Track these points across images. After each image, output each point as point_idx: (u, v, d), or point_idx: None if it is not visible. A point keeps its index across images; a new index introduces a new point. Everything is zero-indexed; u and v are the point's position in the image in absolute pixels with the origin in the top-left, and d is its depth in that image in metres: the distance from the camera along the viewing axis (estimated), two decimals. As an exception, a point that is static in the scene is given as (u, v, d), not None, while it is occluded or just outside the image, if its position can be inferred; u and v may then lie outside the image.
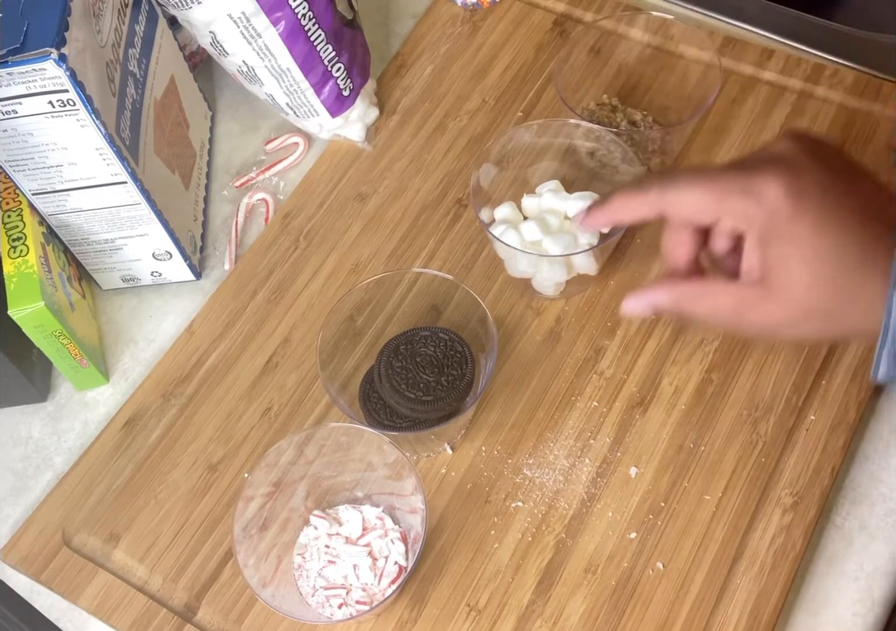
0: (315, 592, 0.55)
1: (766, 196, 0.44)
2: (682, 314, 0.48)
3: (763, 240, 0.45)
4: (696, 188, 0.45)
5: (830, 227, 0.44)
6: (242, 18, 0.64)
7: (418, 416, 0.58)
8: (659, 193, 0.46)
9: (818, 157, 0.45)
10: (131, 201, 0.62)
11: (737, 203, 0.45)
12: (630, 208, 0.48)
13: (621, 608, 0.54)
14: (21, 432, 0.66)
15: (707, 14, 0.77)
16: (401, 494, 0.56)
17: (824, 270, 0.44)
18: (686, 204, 0.46)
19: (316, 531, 0.57)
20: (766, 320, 0.46)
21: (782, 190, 0.44)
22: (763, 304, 0.46)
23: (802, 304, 0.45)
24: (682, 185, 0.46)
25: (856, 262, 0.44)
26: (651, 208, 0.47)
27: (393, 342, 0.60)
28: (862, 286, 0.44)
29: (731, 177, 0.45)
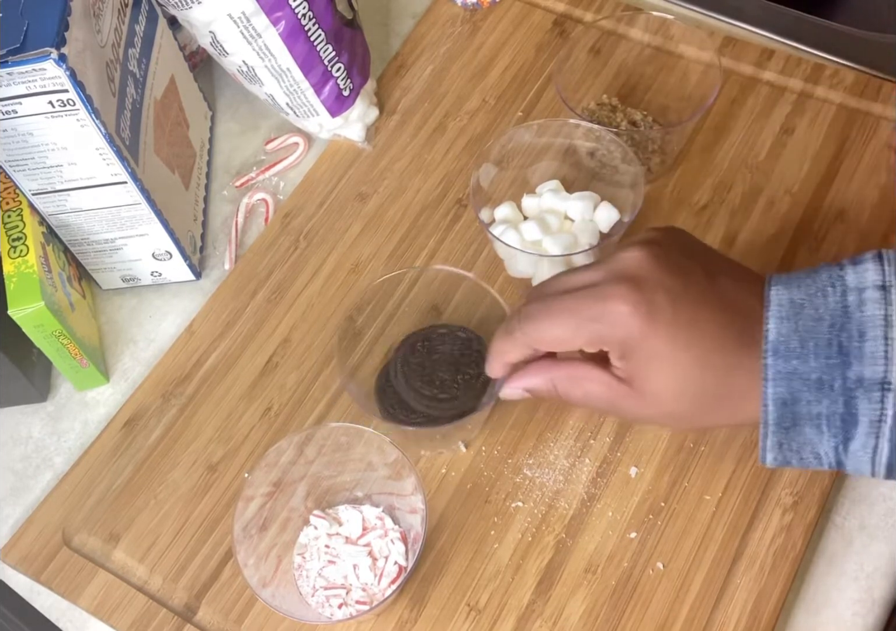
0: (315, 592, 0.55)
1: (617, 321, 0.45)
2: (558, 398, 0.49)
3: (624, 357, 0.46)
4: (553, 322, 0.47)
5: (688, 339, 0.44)
6: (242, 18, 0.64)
7: (433, 413, 0.58)
8: (522, 334, 0.48)
9: (667, 263, 0.46)
10: (131, 201, 0.62)
11: (592, 332, 0.46)
12: (508, 355, 0.50)
13: (621, 608, 0.54)
14: (21, 432, 0.66)
15: (707, 14, 0.77)
16: (401, 494, 0.56)
17: (689, 382, 0.45)
18: (548, 339, 0.47)
19: (316, 531, 0.57)
20: (638, 415, 0.48)
21: (631, 313, 0.44)
22: (633, 401, 0.47)
23: (673, 409, 0.46)
24: (540, 320, 0.47)
25: (721, 367, 0.44)
26: (522, 350, 0.49)
27: (411, 338, 0.60)
28: (731, 387, 0.45)
29: (582, 304, 0.46)
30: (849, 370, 0.42)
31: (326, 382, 0.64)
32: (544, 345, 0.48)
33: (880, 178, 0.67)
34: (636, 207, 0.61)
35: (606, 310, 0.45)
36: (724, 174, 0.69)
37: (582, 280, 0.47)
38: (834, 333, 0.43)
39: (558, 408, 0.61)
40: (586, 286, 0.46)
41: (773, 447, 0.45)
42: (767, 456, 0.45)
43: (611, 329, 0.45)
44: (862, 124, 0.70)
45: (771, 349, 0.43)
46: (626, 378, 0.46)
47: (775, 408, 0.43)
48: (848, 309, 0.43)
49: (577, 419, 0.60)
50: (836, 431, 0.43)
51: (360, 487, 0.58)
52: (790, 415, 0.43)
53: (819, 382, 0.43)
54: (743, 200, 0.67)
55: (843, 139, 0.69)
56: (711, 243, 0.65)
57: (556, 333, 0.47)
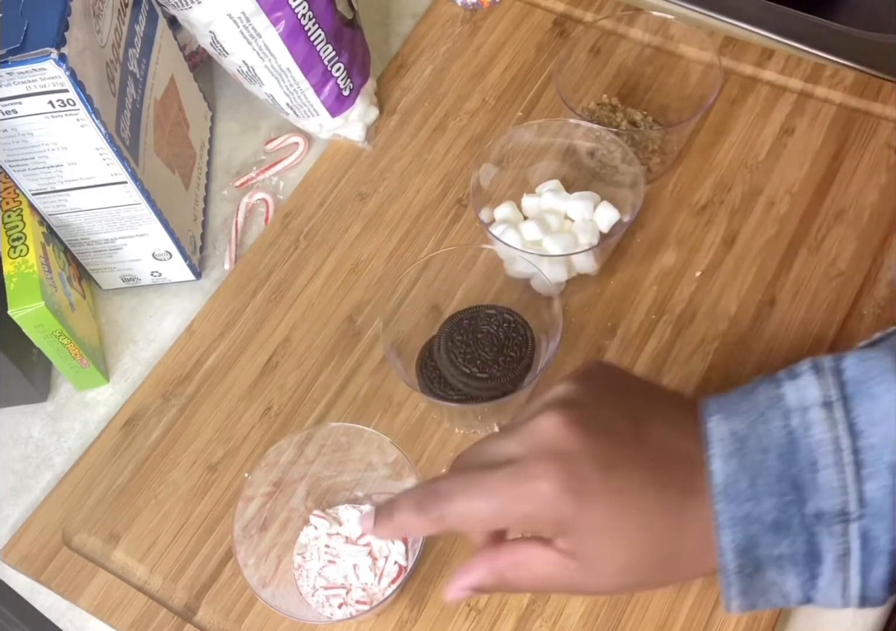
0: (315, 592, 0.55)
1: (545, 501, 0.41)
2: (506, 589, 0.45)
3: (561, 535, 0.42)
4: (474, 504, 0.42)
5: (625, 506, 0.41)
6: (242, 18, 0.64)
7: (471, 391, 0.58)
8: (438, 516, 0.43)
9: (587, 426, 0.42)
10: (131, 201, 0.62)
11: (520, 514, 0.41)
12: (414, 528, 0.44)
13: (621, 608, 0.54)
14: (21, 432, 0.66)
15: (707, 14, 0.77)
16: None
17: (638, 550, 0.41)
18: (468, 520, 0.43)
19: (316, 531, 0.57)
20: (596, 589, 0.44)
21: (559, 491, 0.40)
22: (586, 577, 0.42)
23: (629, 580, 0.42)
24: (460, 500, 0.42)
25: (669, 527, 0.41)
26: (435, 528, 0.44)
27: (457, 316, 0.60)
28: (684, 544, 0.41)
29: (504, 484, 0.41)
30: (805, 506, 0.39)
31: (326, 382, 0.64)
32: (463, 526, 0.44)
33: (880, 178, 0.67)
34: (636, 207, 0.61)
35: (532, 490, 0.41)
36: (724, 174, 0.69)
37: (501, 453, 0.43)
38: (784, 465, 0.39)
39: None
40: (507, 461, 0.42)
41: (736, 595, 0.41)
42: (732, 604, 0.42)
43: (541, 510, 0.41)
44: (862, 124, 0.70)
45: (719, 493, 0.40)
46: (571, 553, 0.42)
47: (734, 556, 0.40)
48: (793, 435, 0.40)
49: (577, 419, 0.60)
50: (801, 569, 0.40)
51: (360, 486, 0.58)
52: (751, 560, 0.40)
53: (776, 523, 0.39)
54: (743, 200, 0.67)
55: (843, 139, 0.69)
56: (711, 244, 0.66)
57: (480, 515, 0.42)
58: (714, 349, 0.62)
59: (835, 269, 0.64)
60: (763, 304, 0.63)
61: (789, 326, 0.62)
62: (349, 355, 0.64)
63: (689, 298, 0.64)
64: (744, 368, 0.61)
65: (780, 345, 0.61)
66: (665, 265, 0.65)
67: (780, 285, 0.64)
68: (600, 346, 0.63)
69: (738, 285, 0.64)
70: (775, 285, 0.64)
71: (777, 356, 0.61)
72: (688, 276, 0.65)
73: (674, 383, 0.61)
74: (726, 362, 0.61)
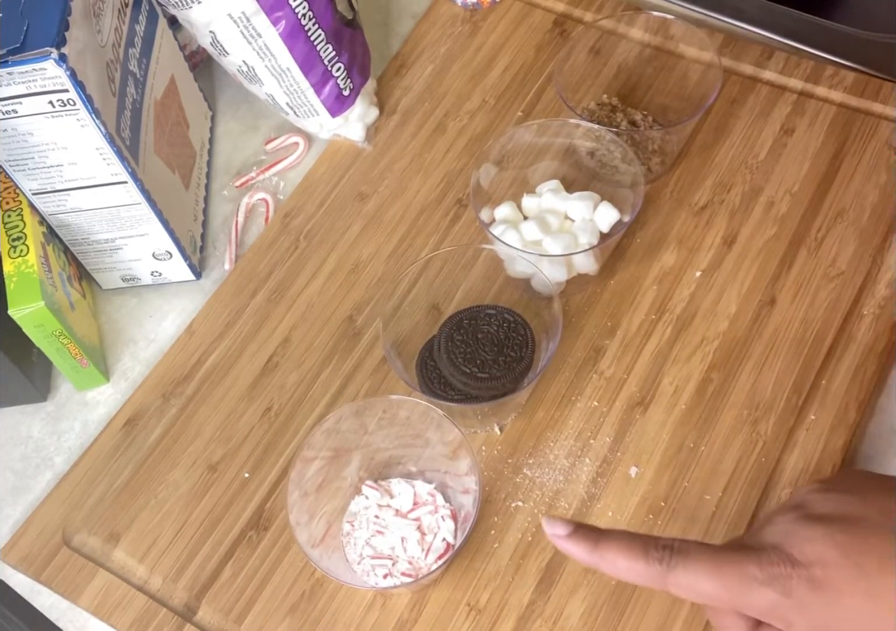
0: (361, 560, 0.56)
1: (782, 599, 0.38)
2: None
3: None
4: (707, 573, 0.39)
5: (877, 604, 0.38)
6: (242, 18, 0.64)
7: (471, 391, 0.58)
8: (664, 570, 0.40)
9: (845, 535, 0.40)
10: (131, 201, 0.62)
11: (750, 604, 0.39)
12: (623, 570, 0.41)
13: (621, 608, 0.54)
14: (21, 432, 0.66)
15: (707, 14, 0.77)
16: (455, 473, 0.56)
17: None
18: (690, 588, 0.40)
19: (367, 501, 0.57)
20: None
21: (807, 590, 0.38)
22: None
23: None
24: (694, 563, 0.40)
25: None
26: (648, 580, 0.41)
27: (457, 316, 0.60)
28: None
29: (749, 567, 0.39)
30: None
31: (326, 382, 0.64)
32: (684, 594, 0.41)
33: (880, 178, 0.67)
34: (636, 207, 0.61)
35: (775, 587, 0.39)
36: (724, 174, 0.69)
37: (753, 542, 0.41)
38: None
39: (558, 407, 0.61)
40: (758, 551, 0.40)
41: None
42: None
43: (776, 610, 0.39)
44: (862, 124, 0.70)
45: None
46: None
47: None
48: None
49: (577, 419, 0.60)
50: None
51: (414, 462, 0.58)
52: None
53: None
54: (743, 200, 0.67)
55: (843, 139, 0.69)
56: (711, 244, 0.66)
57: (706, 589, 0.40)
58: (714, 349, 0.62)
59: (835, 269, 0.64)
60: (763, 304, 0.63)
61: (789, 326, 0.62)
62: (349, 355, 0.65)
63: (689, 298, 0.64)
64: (744, 368, 0.61)
65: (780, 345, 0.61)
66: (665, 265, 0.65)
67: (780, 285, 0.64)
68: (600, 345, 0.63)
69: (738, 285, 0.64)
70: (775, 285, 0.64)
71: (777, 356, 0.61)
72: (688, 276, 0.65)
73: (674, 383, 0.61)
74: (726, 362, 0.61)
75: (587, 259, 0.62)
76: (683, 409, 0.60)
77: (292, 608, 0.56)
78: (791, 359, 0.61)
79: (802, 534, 0.40)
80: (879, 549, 0.39)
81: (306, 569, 0.57)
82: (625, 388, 0.61)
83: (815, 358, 0.61)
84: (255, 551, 0.58)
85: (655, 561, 0.40)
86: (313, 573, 0.57)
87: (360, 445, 0.57)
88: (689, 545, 0.41)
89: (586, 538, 0.41)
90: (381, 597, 0.56)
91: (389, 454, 0.58)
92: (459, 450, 0.55)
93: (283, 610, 0.56)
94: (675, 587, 0.40)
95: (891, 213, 0.66)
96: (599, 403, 0.61)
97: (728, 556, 0.40)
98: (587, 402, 0.61)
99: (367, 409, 0.56)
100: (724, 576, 0.39)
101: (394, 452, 0.58)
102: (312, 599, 0.56)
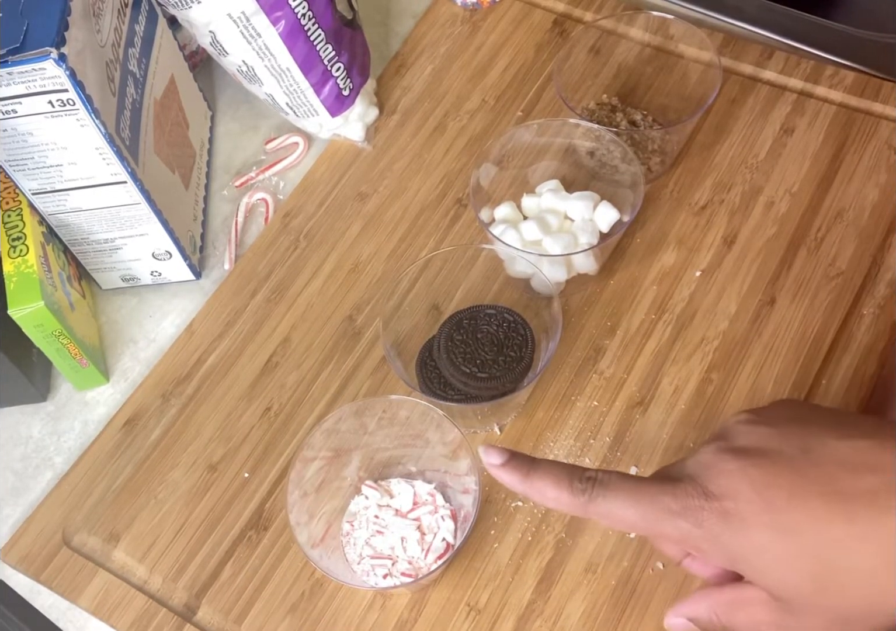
0: (361, 560, 0.56)
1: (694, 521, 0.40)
2: (723, 628, 0.44)
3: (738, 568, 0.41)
4: (627, 501, 0.41)
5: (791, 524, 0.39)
6: (242, 18, 0.64)
7: (470, 391, 0.58)
8: (587, 499, 0.41)
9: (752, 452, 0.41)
10: (131, 201, 0.62)
11: (667, 527, 0.40)
12: (551, 499, 0.42)
13: (621, 608, 0.54)
14: (21, 432, 0.66)
15: (707, 14, 0.77)
16: (455, 473, 0.56)
17: (814, 566, 0.39)
18: (613, 517, 0.42)
19: (367, 501, 0.57)
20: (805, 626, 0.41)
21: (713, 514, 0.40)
22: (804, 618, 0.40)
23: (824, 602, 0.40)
24: (614, 493, 0.41)
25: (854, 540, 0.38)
26: (574, 509, 0.42)
27: (457, 315, 0.60)
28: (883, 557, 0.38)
29: (663, 494, 0.41)
30: None
31: (326, 382, 0.64)
32: (608, 523, 0.43)
33: (880, 178, 0.67)
34: (636, 207, 0.61)
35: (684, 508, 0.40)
36: (724, 174, 0.69)
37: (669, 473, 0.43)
38: None
39: (558, 407, 0.61)
40: (673, 479, 0.41)
41: None
42: None
43: (693, 531, 0.40)
44: (862, 124, 0.70)
45: None
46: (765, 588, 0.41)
47: None
48: None
49: (577, 419, 0.60)
50: None
51: (414, 462, 0.58)
52: None
53: None
54: (743, 200, 0.67)
55: (843, 139, 0.69)
56: (711, 244, 0.66)
57: (626, 516, 0.41)
58: (714, 349, 0.62)
59: (835, 269, 0.64)
60: (763, 304, 0.63)
61: (789, 326, 0.62)
62: (349, 355, 0.65)
63: (689, 298, 0.64)
64: (744, 368, 0.61)
65: (780, 345, 0.61)
66: (665, 265, 0.65)
67: (780, 285, 0.64)
68: (600, 345, 0.63)
69: (738, 285, 0.64)
70: (775, 285, 0.64)
71: (777, 356, 0.61)
72: (688, 276, 0.65)
73: (674, 383, 0.61)
74: (726, 362, 0.61)
75: (587, 259, 0.62)
76: (683, 409, 0.60)
77: (292, 608, 0.56)
78: (791, 359, 0.61)
79: (719, 466, 0.41)
80: (790, 485, 0.40)
81: (306, 569, 0.57)
82: (625, 387, 0.61)
83: (815, 358, 0.61)
84: (255, 551, 0.58)
85: (579, 492, 0.42)
86: (313, 573, 0.57)
87: (360, 445, 0.57)
88: (610, 476, 0.42)
89: (518, 468, 0.42)
90: (381, 597, 0.56)
91: (389, 454, 0.58)
92: (459, 450, 0.55)
93: (283, 610, 0.56)
94: (597, 516, 0.42)
95: (891, 213, 0.66)
96: (599, 402, 0.61)
97: (646, 487, 0.41)
98: (587, 402, 0.61)
99: (367, 409, 0.56)
100: (641, 506, 0.41)
101: (394, 452, 0.58)
102: (312, 599, 0.56)
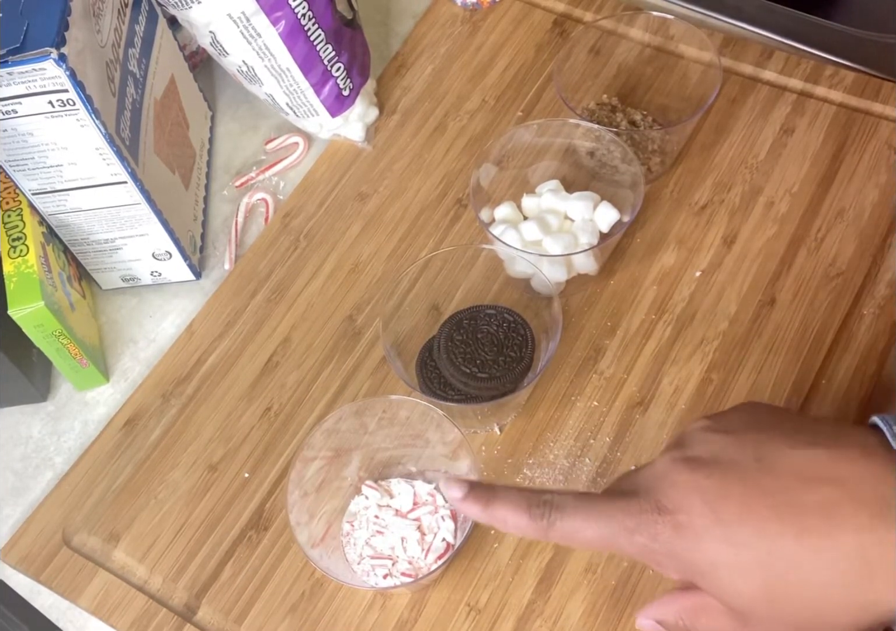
0: (361, 560, 0.56)
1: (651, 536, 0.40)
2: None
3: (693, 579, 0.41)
4: (585, 522, 0.41)
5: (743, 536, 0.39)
6: (242, 18, 0.64)
7: (471, 391, 0.58)
8: (547, 524, 0.41)
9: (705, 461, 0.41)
10: (131, 201, 0.62)
11: (627, 543, 0.40)
12: (514, 526, 0.42)
13: (621, 608, 0.54)
14: (21, 432, 0.66)
15: (707, 14, 0.77)
16: (455, 473, 0.56)
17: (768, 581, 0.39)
18: (574, 539, 0.42)
19: (367, 501, 0.57)
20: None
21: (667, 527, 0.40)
22: (759, 629, 0.41)
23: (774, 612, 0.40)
24: (571, 515, 0.41)
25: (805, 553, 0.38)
26: (537, 534, 0.42)
27: (457, 316, 0.60)
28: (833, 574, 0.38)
29: (618, 511, 0.41)
30: None
31: (326, 382, 0.64)
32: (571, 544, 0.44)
33: (880, 178, 0.67)
34: (636, 207, 0.61)
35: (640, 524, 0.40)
36: (724, 174, 0.69)
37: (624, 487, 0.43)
38: None
39: (558, 407, 0.61)
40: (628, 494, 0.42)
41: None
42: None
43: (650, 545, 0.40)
44: (862, 124, 0.70)
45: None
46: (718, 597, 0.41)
47: None
48: None
49: (577, 419, 0.60)
50: None
51: (414, 462, 0.58)
52: None
53: None
54: (743, 200, 0.67)
55: (843, 139, 0.69)
56: (711, 244, 0.66)
57: (587, 537, 0.41)
58: (714, 349, 0.62)
59: (835, 269, 0.64)
60: (763, 304, 0.63)
61: (789, 326, 0.62)
62: (349, 355, 0.65)
63: (689, 298, 0.64)
64: (744, 368, 0.61)
65: (779, 345, 0.61)
66: (665, 265, 0.65)
67: (780, 285, 0.64)
68: (600, 345, 0.63)
69: (738, 285, 0.64)
70: (775, 285, 0.64)
71: (777, 356, 0.61)
72: (688, 276, 0.65)
73: (674, 383, 0.61)
74: (726, 362, 0.61)
75: (587, 259, 0.62)
76: (683, 409, 0.60)
77: (292, 608, 0.56)
78: (791, 359, 0.61)
79: (672, 478, 0.41)
80: (742, 497, 0.39)
81: (306, 569, 0.57)
82: (625, 388, 0.61)
83: (815, 358, 0.61)
84: (255, 551, 0.58)
85: (538, 516, 0.41)
86: (313, 573, 0.57)
87: (360, 445, 0.57)
88: (565, 498, 0.42)
89: (478, 499, 0.42)
90: (381, 597, 0.56)
91: (389, 454, 0.58)
92: (459, 450, 0.55)
93: (283, 610, 0.56)
94: (558, 539, 0.42)
95: (891, 213, 0.66)
96: (599, 402, 0.61)
97: (601, 505, 0.41)
98: (587, 402, 0.61)
99: (367, 409, 0.56)
100: (598, 526, 0.41)
101: (394, 452, 0.58)
102: (312, 599, 0.56)
